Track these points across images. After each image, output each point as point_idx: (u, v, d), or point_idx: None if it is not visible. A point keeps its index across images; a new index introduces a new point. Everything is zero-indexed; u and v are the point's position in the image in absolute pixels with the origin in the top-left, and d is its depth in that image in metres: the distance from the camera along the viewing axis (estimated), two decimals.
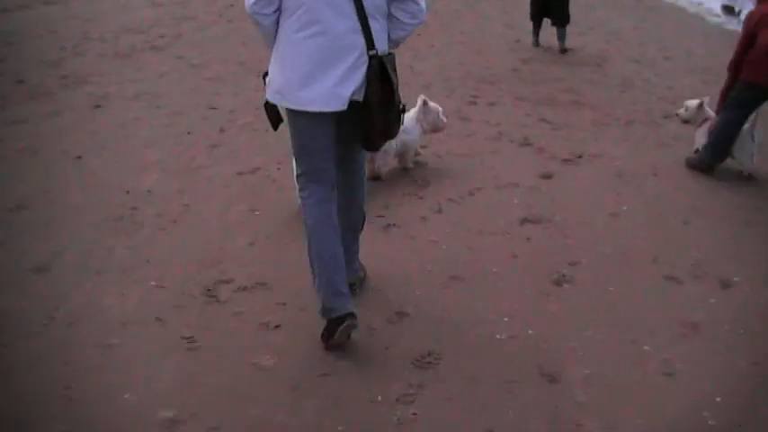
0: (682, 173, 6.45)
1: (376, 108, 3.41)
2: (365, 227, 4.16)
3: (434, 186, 5.94)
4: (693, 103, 6.62)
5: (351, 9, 3.33)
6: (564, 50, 11.02)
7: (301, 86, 3.38)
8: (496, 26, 13.58)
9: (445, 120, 6.07)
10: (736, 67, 5.96)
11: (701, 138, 6.39)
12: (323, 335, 3.69)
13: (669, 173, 6.43)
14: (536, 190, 5.91)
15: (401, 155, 5.92)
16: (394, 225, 5.23)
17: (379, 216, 5.31)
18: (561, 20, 10.86)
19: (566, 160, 6.64)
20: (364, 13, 3.34)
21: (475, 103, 8.40)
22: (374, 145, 3.63)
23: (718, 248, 5.04)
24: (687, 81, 9.61)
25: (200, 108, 7.94)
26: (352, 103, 3.40)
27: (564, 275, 4.58)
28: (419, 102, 5.89)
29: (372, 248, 4.65)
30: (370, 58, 3.38)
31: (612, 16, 15.76)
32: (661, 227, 5.34)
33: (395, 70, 3.52)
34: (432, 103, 5.97)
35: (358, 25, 3.34)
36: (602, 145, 7.09)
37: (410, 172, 6.19)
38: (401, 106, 3.59)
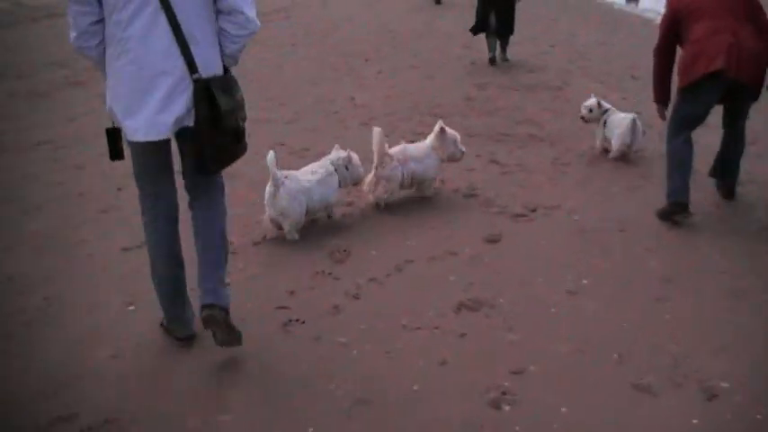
0: (653, 225, 5.47)
1: (205, 133, 3.31)
2: (261, 323, 3.96)
3: (355, 259, 4.92)
4: (593, 102, 6.80)
5: (164, 34, 3.24)
6: (505, 59, 11.07)
7: (125, 115, 3.34)
8: (454, 47, 12.65)
9: (464, 149, 5.73)
10: (660, 52, 5.45)
11: (601, 133, 6.72)
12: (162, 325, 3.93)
13: (639, 226, 5.45)
14: (478, 261, 4.89)
15: (418, 186, 5.60)
16: (296, 320, 4.19)
17: (280, 308, 4.29)
18: (505, 31, 10.74)
19: (517, 216, 5.64)
20: (183, 37, 3.24)
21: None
22: (209, 170, 3.48)
23: (701, 338, 4.00)
24: None
25: (102, 160, 6.82)
26: (185, 129, 3.33)
27: (504, 392, 3.54)
28: (436, 128, 5.56)
29: (265, 356, 3.75)
30: (195, 81, 3.27)
31: (578, 30, 14.88)
32: (629, 308, 4.32)
33: (229, 91, 3.39)
34: (449, 131, 5.57)
35: (176, 49, 3.25)
36: (561, 191, 6.11)
37: (327, 241, 5.15)
38: (239, 129, 3.47)
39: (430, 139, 5.58)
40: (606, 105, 6.81)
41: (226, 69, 3.49)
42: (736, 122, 5.45)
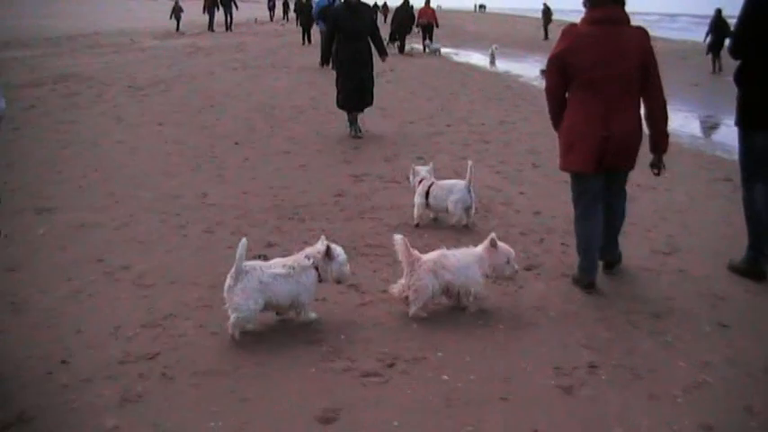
0: (541, 389, 4.12)
1: None
2: None
3: None
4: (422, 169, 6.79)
5: None
6: (358, 133, 10.83)
7: None
8: (336, 127, 11.33)
9: (517, 267, 5.02)
10: (551, 94, 5.23)
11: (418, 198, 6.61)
12: None
13: (523, 393, 4.06)
14: None
15: (456, 296, 4.91)
16: None
17: None
18: (363, 104, 10.71)
19: (367, 375, 4.22)
20: None
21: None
22: None
23: None
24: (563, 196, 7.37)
25: None
26: None
27: None
28: (487, 240, 4.89)
29: None
30: None
31: (477, 107, 13.76)
32: None
33: None
34: (502, 246, 4.90)
35: None
36: (432, 333, 4.74)
37: None
38: None
39: (480, 247, 4.91)
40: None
41: None
42: (615, 196, 5.34)
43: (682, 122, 14.04)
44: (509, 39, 32.63)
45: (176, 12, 36.44)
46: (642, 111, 5.16)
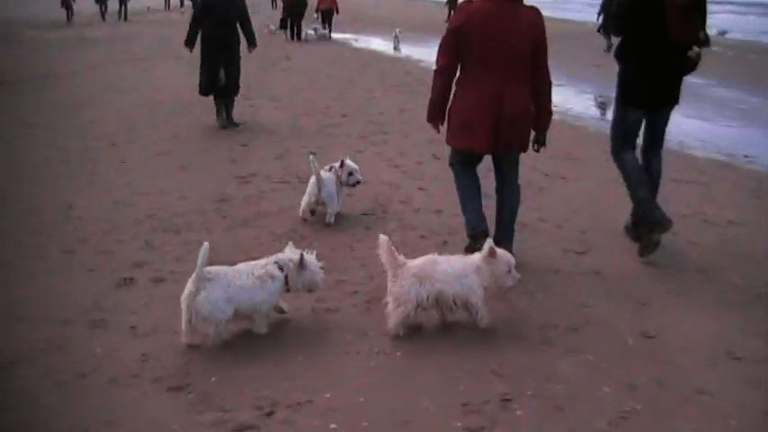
0: None
1: None
2: None
3: None
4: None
5: None
6: (234, 124, 10.39)
7: None
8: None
9: (518, 276, 4.40)
10: (442, 75, 5.14)
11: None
12: None
13: None
14: None
15: (450, 309, 4.35)
16: None
17: None
18: (233, 89, 10.30)
19: (242, 430, 3.50)
20: None
21: (133, 281, 5.09)
22: None
23: None
24: None
25: None
26: None
27: None
28: (484, 249, 4.30)
29: None
30: None
31: (376, 95, 13.11)
32: None
33: None
34: (501, 253, 4.34)
35: None
36: (315, 373, 4.08)
37: None
38: None
39: (477, 257, 4.31)
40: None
41: None
42: (508, 180, 5.31)
43: (585, 105, 13.71)
44: (412, 22, 31.97)
45: (66, 1, 34.37)
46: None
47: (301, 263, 4.32)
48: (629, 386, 3.86)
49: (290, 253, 4.38)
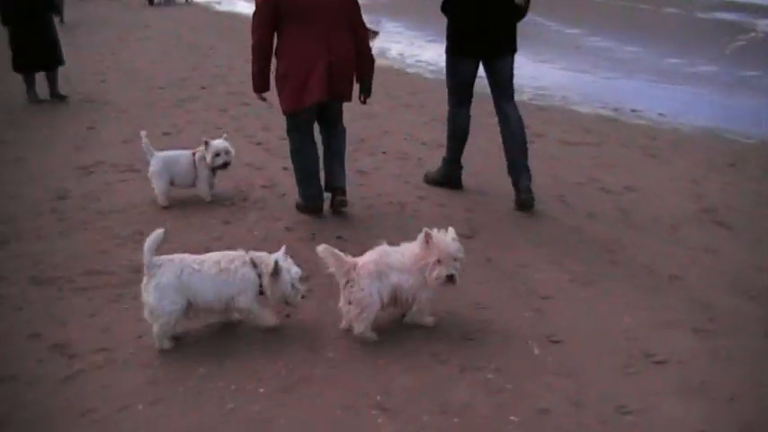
0: None
1: None
2: None
3: None
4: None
5: None
6: (61, 97, 9.51)
7: None
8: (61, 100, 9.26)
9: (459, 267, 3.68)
10: (260, 48, 5.08)
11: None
12: None
13: None
14: None
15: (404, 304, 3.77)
16: None
17: None
18: (54, 61, 9.36)
19: None
20: None
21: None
22: None
23: None
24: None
25: None
26: None
27: None
28: (421, 235, 3.68)
29: None
30: None
31: (236, 62, 12.07)
32: None
33: None
34: (438, 237, 3.68)
35: None
36: (155, 426, 3.17)
37: None
38: None
39: (414, 245, 3.78)
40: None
41: None
42: (335, 128, 5.42)
43: (435, 56, 13.02)
44: None
45: None
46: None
47: (275, 271, 3.67)
48: (541, 412, 3.20)
49: (266, 257, 3.77)
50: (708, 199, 5.79)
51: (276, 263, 3.68)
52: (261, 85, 5.21)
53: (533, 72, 11.57)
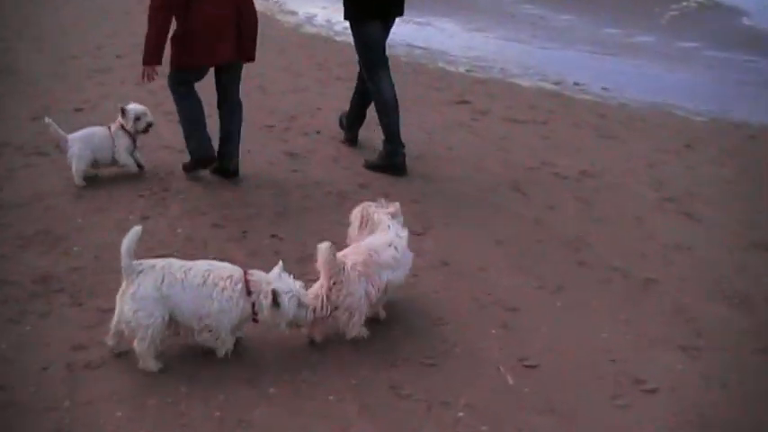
0: None
1: None
2: None
3: None
4: None
5: None
6: None
7: None
8: None
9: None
10: (161, 14, 4.77)
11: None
12: None
13: None
14: None
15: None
16: None
17: None
18: None
19: None
20: None
21: None
22: None
23: None
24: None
25: None
26: None
27: None
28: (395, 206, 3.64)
29: None
30: None
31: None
32: None
33: None
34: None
35: None
36: None
37: None
38: None
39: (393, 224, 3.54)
40: None
41: None
42: (232, 95, 5.24)
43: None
44: None
45: None
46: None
47: (274, 301, 3.12)
48: None
49: (274, 278, 3.20)
50: (669, 186, 5.41)
51: (274, 293, 3.12)
52: (152, 54, 4.89)
53: (467, 41, 11.07)
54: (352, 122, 6.03)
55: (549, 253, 4.32)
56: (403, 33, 11.52)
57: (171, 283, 3.10)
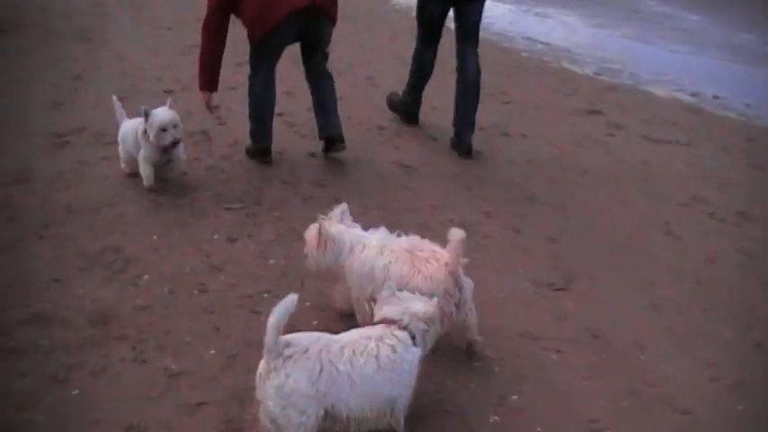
0: None
1: None
2: None
3: None
4: None
5: None
6: None
7: None
8: None
9: None
10: (211, 28, 4.67)
11: None
12: None
13: None
14: None
15: None
16: None
17: None
18: None
19: None
20: None
21: None
22: None
23: None
24: None
25: None
26: None
27: None
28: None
29: None
30: None
31: None
32: None
33: None
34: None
35: None
36: None
37: None
38: None
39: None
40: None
41: None
42: (321, 66, 5.01)
43: (512, 17, 11.54)
44: None
45: None
46: None
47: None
48: None
49: (416, 304, 2.71)
50: None
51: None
52: (209, 83, 4.81)
53: (591, 38, 10.15)
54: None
55: (719, 329, 3.52)
56: (522, 25, 10.72)
57: (330, 374, 2.48)
